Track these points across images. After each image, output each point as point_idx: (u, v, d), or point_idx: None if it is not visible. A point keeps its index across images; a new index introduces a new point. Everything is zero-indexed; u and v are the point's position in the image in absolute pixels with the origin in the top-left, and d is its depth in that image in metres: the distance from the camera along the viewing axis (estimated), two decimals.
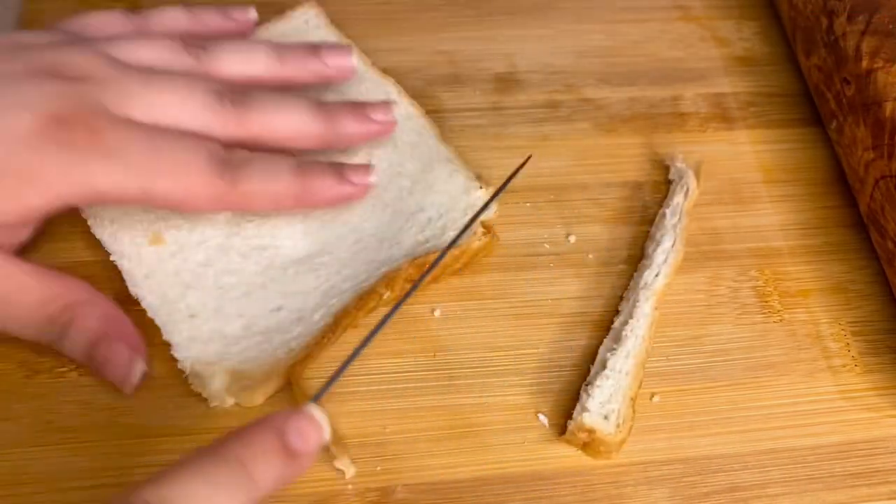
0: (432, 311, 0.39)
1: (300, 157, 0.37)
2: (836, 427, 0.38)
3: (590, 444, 0.35)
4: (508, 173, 0.43)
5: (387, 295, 0.37)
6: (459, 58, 0.48)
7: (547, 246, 0.42)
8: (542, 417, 0.37)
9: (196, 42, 0.37)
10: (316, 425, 0.27)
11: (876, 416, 0.38)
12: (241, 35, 0.42)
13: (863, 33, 0.43)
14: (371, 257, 0.38)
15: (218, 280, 0.37)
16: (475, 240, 0.39)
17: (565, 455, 0.36)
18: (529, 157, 0.42)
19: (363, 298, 0.36)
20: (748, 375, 0.39)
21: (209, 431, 0.35)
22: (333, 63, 0.40)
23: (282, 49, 0.39)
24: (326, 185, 0.37)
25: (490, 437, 0.36)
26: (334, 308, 0.35)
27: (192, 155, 0.33)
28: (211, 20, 0.41)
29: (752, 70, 0.50)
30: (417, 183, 0.41)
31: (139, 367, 0.34)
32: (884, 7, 0.43)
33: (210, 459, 0.25)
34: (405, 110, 0.43)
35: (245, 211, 0.37)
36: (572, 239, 0.42)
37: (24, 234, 0.34)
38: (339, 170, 0.37)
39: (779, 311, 0.41)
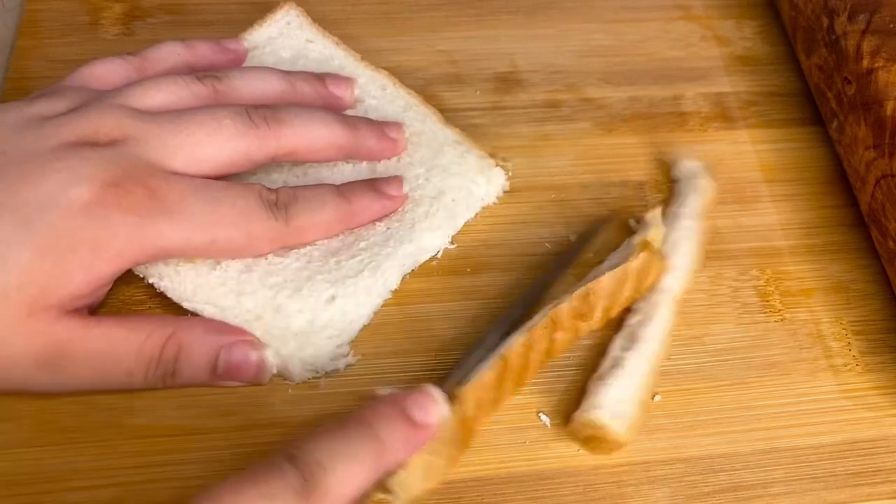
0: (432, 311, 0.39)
1: (338, 184, 0.38)
2: (837, 426, 0.38)
3: (592, 440, 0.35)
4: (509, 174, 0.44)
5: (560, 336, 0.35)
6: (460, 57, 0.48)
7: (548, 245, 0.42)
8: (543, 417, 0.37)
9: (204, 73, 0.38)
10: (434, 401, 0.30)
11: (877, 416, 0.38)
12: (235, 64, 0.42)
13: (864, 32, 0.43)
14: (405, 240, 0.39)
15: (265, 282, 0.37)
16: (634, 259, 0.36)
17: (567, 454, 0.36)
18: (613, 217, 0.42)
19: (531, 338, 0.34)
20: (749, 375, 0.39)
21: (210, 431, 0.35)
22: (338, 91, 0.41)
23: (289, 73, 0.40)
24: (367, 204, 0.38)
25: (491, 437, 0.36)
26: (502, 350, 0.34)
27: (246, 201, 0.34)
28: (206, 51, 0.41)
29: (752, 69, 0.50)
30: (432, 169, 0.41)
31: (266, 353, 0.35)
32: (885, 6, 0.43)
33: (348, 425, 0.28)
34: (404, 101, 0.44)
35: (298, 244, 0.37)
36: (573, 238, 0.42)
37: (100, 297, 0.35)
38: (375, 186, 0.39)
39: (780, 310, 0.41)
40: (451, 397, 0.31)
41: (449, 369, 0.37)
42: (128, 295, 0.38)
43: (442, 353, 0.38)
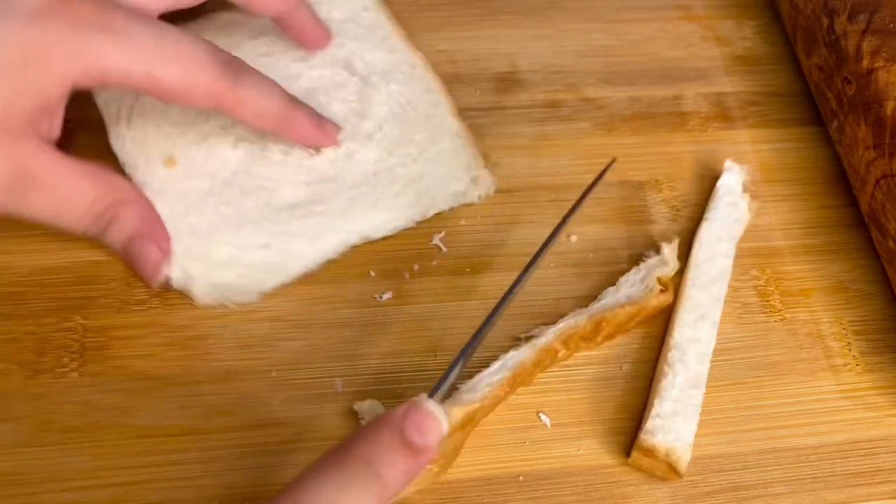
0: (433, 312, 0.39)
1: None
2: (837, 426, 0.38)
3: (653, 464, 0.35)
4: (508, 173, 0.44)
5: (562, 353, 0.37)
6: (460, 57, 0.48)
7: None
8: (543, 417, 0.37)
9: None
10: (433, 419, 0.27)
11: (877, 416, 0.38)
12: None
13: (863, 32, 0.43)
14: (363, 213, 0.40)
15: (217, 209, 0.39)
16: (653, 297, 0.38)
17: (567, 454, 0.36)
18: (613, 161, 0.42)
19: (540, 355, 0.36)
20: (750, 375, 0.39)
21: (210, 431, 0.35)
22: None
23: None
24: (305, 123, 0.40)
25: (491, 437, 0.36)
26: (511, 363, 0.36)
27: (198, 49, 0.35)
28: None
29: (752, 69, 0.50)
30: (424, 152, 0.43)
31: (165, 269, 0.37)
32: (885, 6, 0.43)
33: (337, 462, 0.26)
34: (426, 84, 0.45)
35: (229, 115, 0.38)
36: (573, 238, 0.42)
37: (55, 128, 0.35)
38: (320, 118, 0.41)
39: (780, 310, 0.41)
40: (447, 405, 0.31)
41: (448, 369, 0.37)
42: (128, 295, 0.38)
43: (442, 353, 0.38)
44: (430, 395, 0.29)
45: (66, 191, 0.34)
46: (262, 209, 0.40)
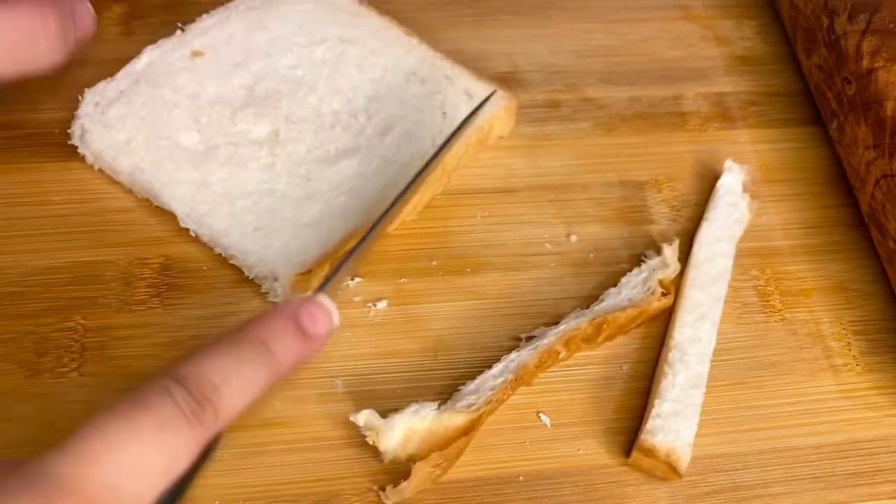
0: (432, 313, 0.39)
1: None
2: (837, 426, 0.38)
3: (653, 464, 0.35)
4: (508, 173, 0.44)
5: (563, 354, 0.37)
6: (460, 57, 0.47)
7: (548, 245, 0.42)
8: (543, 417, 0.37)
9: None
10: (325, 311, 0.29)
11: (877, 415, 0.38)
12: None
13: (863, 32, 0.43)
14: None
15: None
16: (654, 300, 0.38)
17: (567, 454, 0.36)
18: (494, 93, 0.43)
19: (542, 357, 0.36)
20: (750, 375, 0.39)
21: None
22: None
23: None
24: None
25: (491, 437, 0.36)
26: (513, 365, 0.36)
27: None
28: None
29: (752, 69, 0.50)
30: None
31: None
32: (885, 6, 0.43)
33: (235, 339, 0.27)
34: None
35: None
36: (573, 238, 0.42)
37: None
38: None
39: (780, 310, 0.41)
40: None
41: (449, 369, 0.37)
42: (128, 295, 0.38)
43: (442, 353, 0.38)
44: (320, 290, 0.30)
45: (25, 34, 0.33)
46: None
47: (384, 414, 0.33)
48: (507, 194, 0.43)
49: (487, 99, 0.42)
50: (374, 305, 0.39)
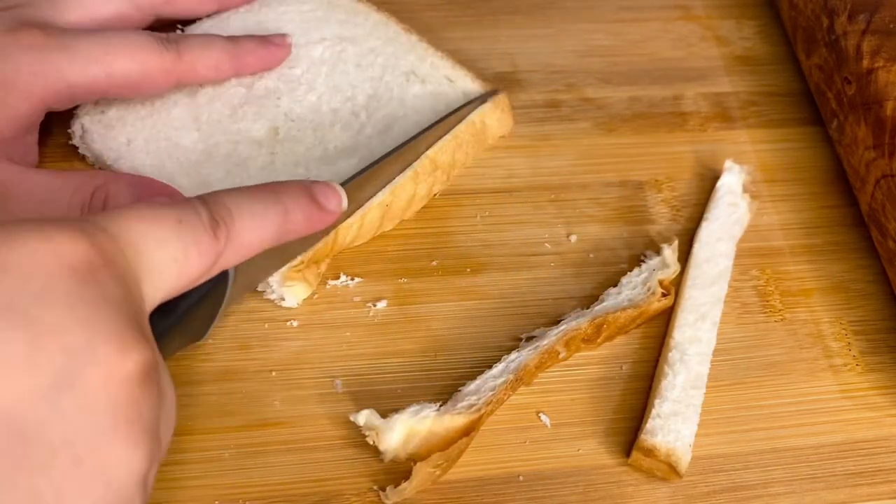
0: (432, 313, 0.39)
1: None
2: (837, 426, 0.38)
3: (654, 464, 0.35)
4: (508, 173, 0.44)
5: (563, 354, 0.37)
6: (460, 57, 0.47)
7: (548, 245, 0.42)
8: (543, 417, 0.37)
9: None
10: (337, 191, 0.33)
11: (877, 416, 0.38)
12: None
13: (863, 32, 0.43)
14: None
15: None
16: (654, 300, 0.38)
17: (567, 454, 0.36)
18: (495, 91, 0.44)
19: (543, 357, 0.36)
20: (750, 375, 0.39)
21: (210, 431, 0.35)
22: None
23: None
24: (252, 47, 0.41)
25: (491, 437, 0.36)
26: (513, 365, 0.36)
27: (137, 36, 0.38)
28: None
29: (752, 69, 0.50)
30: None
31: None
32: (885, 6, 0.43)
33: (258, 190, 0.30)
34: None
35: (191, 81, 0.40)
36: (573, 238, 0.42)
37: (31, 153, 0.38)
38: (263, 38, 0.42)
39: (780, 310, 0.41)
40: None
41: (449, 369, 0.37)
42: None
43: (442, 353, 0.38)
44: (344, 185, 0.34)
45: (39, 194, 0.35)
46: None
47: (384, 414, 0.33)
48: (507, 194, 0.43)
49: (486, 96, 0.42)
50: (374, 305, 0.39)
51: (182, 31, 0.45)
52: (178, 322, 0.29)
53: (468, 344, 0.38)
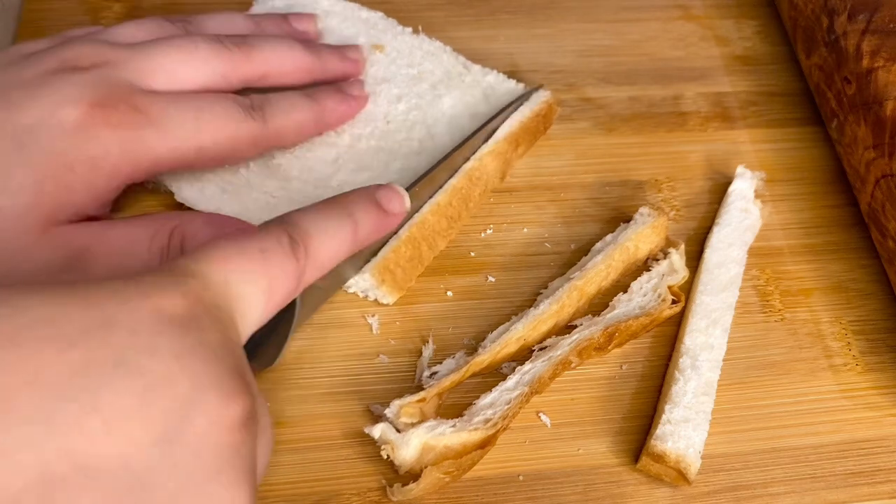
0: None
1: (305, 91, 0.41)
2: (837, 426, 0.38)
3: (663, 470, 0.35)
4: (509, 173, 0.44)
5: (575, 363, 0.37)
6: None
7: (548, 245, 0.42)
8: (543, 417, 0.37)
9: (177, 17, 0.40)
10: (400, 195, 0.35)
11: (877, 415, 0.38)
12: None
13: (863, 32, 0.43)
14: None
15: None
16: (665, 307, 0.38)
17: (567, 454, 0.36)
18: (538, 88, 0.45)
19: (557, 368, 0.36)
20: (749, 374, 0.39)
21: None
22: (301, 26, 0.44)
23: (255, 15, 0.42)
24: (335, 103, 0.41)
25: None
26: (528, 377, 0.36)
27: (224, 106, 0.36)
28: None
29: (752, 69, 0.50)
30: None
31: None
32: (885, 6, 0.43)
33: (328, 205, 0.32)
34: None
35: (276, 147, 0.40)
36: (573, 245, 0.42)
37: (109, 207, 0.36)
38: (339, 88, 0.42)
39: (780, 310, 0.41)
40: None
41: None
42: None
43: (442, 353, 0.38)
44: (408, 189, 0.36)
45: (120, 247, 0.34)
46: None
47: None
48: (507, 194, 0.43)
49: (530, 93, 0.42)
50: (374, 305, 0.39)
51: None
52: (254, 350, 0.30)
53: (468, 344, 0.38)
